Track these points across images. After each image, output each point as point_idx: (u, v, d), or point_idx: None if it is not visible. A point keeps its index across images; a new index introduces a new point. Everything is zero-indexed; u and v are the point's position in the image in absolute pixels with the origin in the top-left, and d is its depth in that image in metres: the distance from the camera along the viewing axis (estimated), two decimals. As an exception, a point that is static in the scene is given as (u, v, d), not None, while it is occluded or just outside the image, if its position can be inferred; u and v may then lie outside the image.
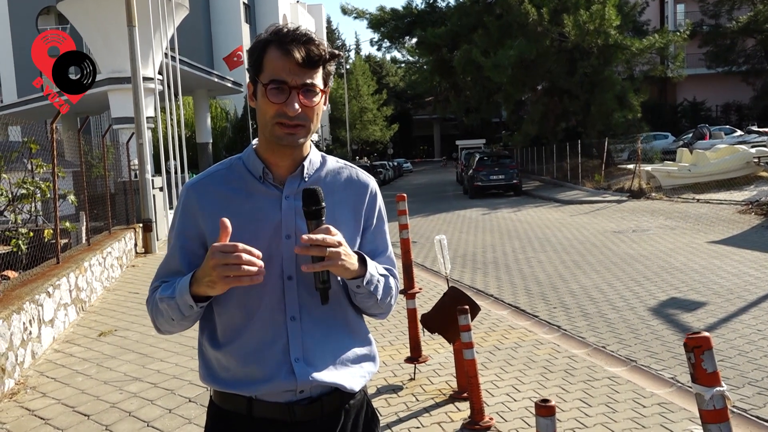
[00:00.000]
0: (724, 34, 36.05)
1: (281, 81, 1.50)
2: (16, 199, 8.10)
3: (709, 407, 1.85)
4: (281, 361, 1.56)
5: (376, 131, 59.76)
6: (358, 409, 1.69)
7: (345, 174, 1.71)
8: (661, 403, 4.23)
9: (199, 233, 1.61)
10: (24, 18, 45.35)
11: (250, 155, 1.64)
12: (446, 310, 4.21)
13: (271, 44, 1.53)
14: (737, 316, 6.27)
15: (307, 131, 1.56)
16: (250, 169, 1.63)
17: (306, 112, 1.53)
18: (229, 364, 1.60)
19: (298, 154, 1.61)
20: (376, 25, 35.46)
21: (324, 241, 1.44)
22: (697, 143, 25.47)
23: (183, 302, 1.52)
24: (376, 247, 1.72)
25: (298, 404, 1.58)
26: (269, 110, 1.52)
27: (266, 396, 1.58)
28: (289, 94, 1.50)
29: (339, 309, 1.64)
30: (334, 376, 1.60)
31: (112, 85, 17.38)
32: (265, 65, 1.53)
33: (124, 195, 14.09)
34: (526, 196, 23.85)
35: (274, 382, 1.56)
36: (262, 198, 1.60)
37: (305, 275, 1.55)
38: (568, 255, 10.40)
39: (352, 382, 1.64)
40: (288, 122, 1.52)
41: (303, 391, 1.58)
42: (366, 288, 1.58)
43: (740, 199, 15.59)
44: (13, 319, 5.27)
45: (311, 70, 1.52)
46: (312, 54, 1.51)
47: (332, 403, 1.62)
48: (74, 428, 4.23)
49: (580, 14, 23.93)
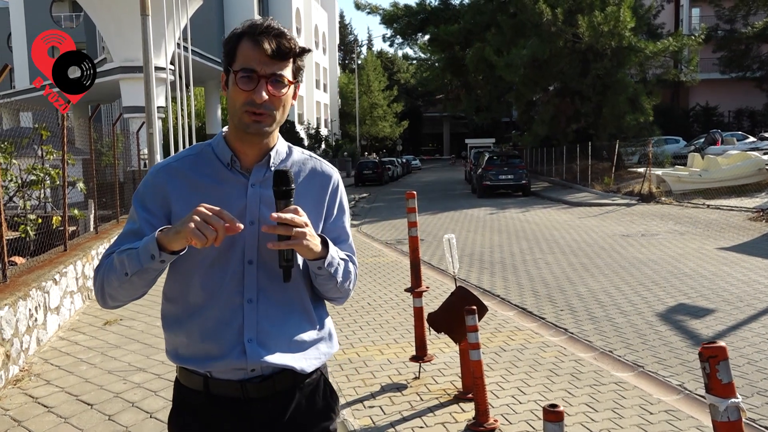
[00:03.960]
0: (739, 40, 35.81)
1: (251, 70, 1.57)
2: (26, 185, 8.11)
3: (723, 419, 1.80)
4: (235, 341, 1.63)
5: (385, 127, 59.69)
6: (313, 387, 1.76)
7: (309, 165, 1.78)
8: (668, 410, 4.18)
9: (165, 213, 1.67)
10: (38, 6, 45.55)
11: (220, 142, 1.71)
12: (453, 310, 4.18)
13: (245, 36, 1.60)
14: (746, 324, 6.21)
15: (273, 120, 1.62)
16: (218, 156, 1.69)
17: (273, 102, 1.60)
18: (189, 340, 1.67)
19: (265, 143, 1.68)
20: (389, 21, 35.37)
21: (292, 220, 1.51)
22: (709, 148, 25.31)
23: (145, 251, 1.54)
24: (337, 235, 1.79)
25: (250, 382, 1.66)
26: (238, 98, 1.59)
27: (220, 374, 1.65)
28: (258, 83, 1.57)
29: (296, 293, 1.71)
30: (285, 359, 1.66)
31: (123, 74, 17.43)
32: (237, 55, 1.60)
33: (132, 184, 14.10)
34: (535, 197, 23.75)
35: (226, 360, 1.63)
36: (228, 184, 1.67)
37: (265, 260, 1.64)
38: (576, 257, 10.34)
39: (304, 364, 1.70)
40: (255, 110, 1.58)
41: (254, 369, 1.65)
42: (327, 270, 1.65)
43: (751, 206, 15.46)
44: (19, 306, 5.27)
45: (281, 62, 1.59)
46: (282, 47, 1.58)
47: (284, 381, 1.69)
48: (77, 417, 4.23)
49: (594, 15, 23.78)
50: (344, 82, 63.47)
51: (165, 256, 1.53)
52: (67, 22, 47.24)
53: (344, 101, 62.66)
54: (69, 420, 4.18)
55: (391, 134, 61.01)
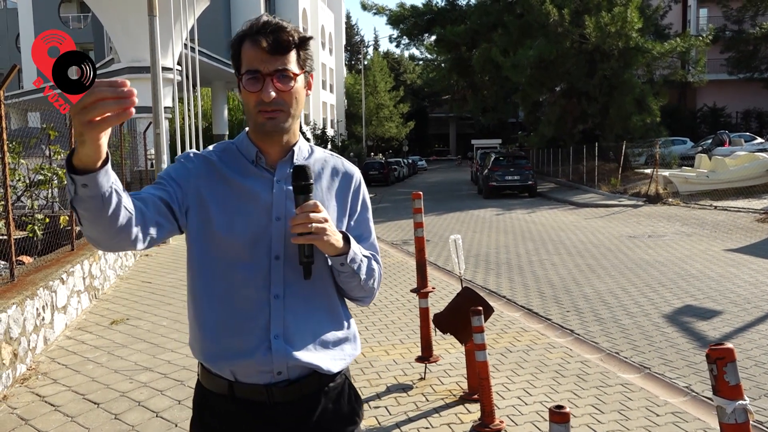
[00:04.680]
0: (746, 40, 35.64)
1: (255, 70, 1.56)
2: (34, 185, 8.14)
3: (730, 421, 1.80)
4: (262, 337, 1.61)
5: (392, 128, 59.67)
6: (338, 391, 1.74)
7: (332, 163, 1.78)
8: (674, 412, 4.17)
9: (189, 190, 1.63)
10: (47, 6, 45.77)
11: (244, 140, 1.71)
12: (459, 311, 4.17)
13: (245, 38, 1.60)
14: (754, 326, 6.18)
15: (288, 115, 1.61)
16: (243, 153, 1.69)
17: (283, 97, 1.58)
18: (214, 336, 1.64)
19: (286, 140, 1.68)
20: (396, 21, 35.39)
21: (310, 216, 1.49)
22: (716, 149, 25.21)
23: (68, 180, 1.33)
24: (360, 233, 1.78)
25: (276, 386, 1.62)
26: (250, 100, 1.59)
27: (246, 377, 1.62)
28: (264, 82, 1.56)
29: (322, 291, 1.70)
30: (311, 357, 1.64)
31: (131, 74, 17.47)
32: (242, 58, 1.60)
33: (139, 184, 14.15)
34: (541, 198, 23.71)
35: (253, 357, 1.60)
36: (255, 180, 1.66)
37: (292, 256, 1.61)
38: (582, 258, 10.31)
39: (330, 364, 1.68)
40: (267, 108, 1.58)
41: (281, 372, 1.62)
42: (350, 266, 1.63)
43: (759, 208, 15.40)
44: (27, 305, 5.29)
45: (282, 56, 1.57)
46: (280, 40, 1.57)
47: (311, 385, 1.66)
48: (84, 416, 4.24)
49: (601, 16, 23.72)
50: (351, 82, 63.52)
51: (80, 174, 1.30)
52: (75, 22, 47.48)
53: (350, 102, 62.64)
54: (75, 419, 4.20)
55: (397, 135, 61.00)
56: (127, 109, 1.22)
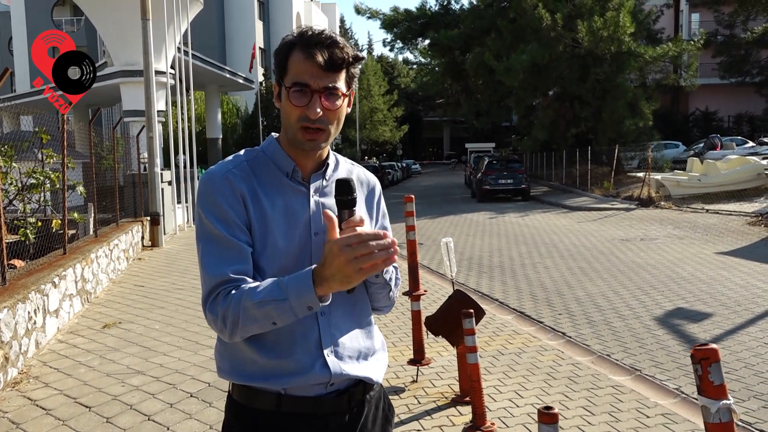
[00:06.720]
0: (738, 45, 35.84)
1: (304, 84, 1.50)
2: (26, 189, 8.12)
3: (715, 420, 1.82)
4: (315, 354, 1.57)
5: (385, 132, 59.66)
6: (377, 399, 1.74)
7: (355, 172, 1.76)
8: (665, 413, 4.19)
9: (245, 220, 1.56)
10: (39, 9, 45.65)
11: (277, 150, 1.64)
12: (451, 313, 4.19)
13: (296, 47, 1.53)
14: (744, 329, 6.22)
15: (328, 135, 1.57)
16: (277, 165, 1.62)
17: (328, 116, 1.53)
18: (258, 356, 1.57)
19: (320, 154, 1.65)
20: (390, 25, 35.45)
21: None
22: (708, 153, 25.34)
23: (302, 305, 1.42)
24: None
25: (326, 397, 1.60)
26: (292, 113, 1.53)
27: (296, 390, 1.57)
28: (311, 97, 1.51)
29: (362, 305, 1.71)
30: (361, 369, 1.65)
31: (124, 78, 17.42)
32: (289, 68, 1.53)
33: (132, 188, 14.11)
34: (534, 202, 23.77)
35: (309, 374, 1.56)
36: (291, 195, 1.61)
37: None
38: (575, 261, 10.35)
39: (377, 375, 1.70)
40: (310, 126, 1.52)
41: (333, 384, 1.60)
42: (383, 278, 1.63)
43: (750, 211, 15.49)
44: (18, 309, 5.28)
45: (334, 74, 1.52)
46: (335, 57, 1.51)
47: (357, 394, 1.66)
48: (75, 419, 4.24)
49: (594, 20, 23.86)
50: (344, 86, 63.39)
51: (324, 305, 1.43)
52: (68, 26, 47.32)
53: (344, 106, 62.57)
54: (67, 422, 4.19)
55: (391, 138, 60.99)
56: (391, 258, 1.35)
